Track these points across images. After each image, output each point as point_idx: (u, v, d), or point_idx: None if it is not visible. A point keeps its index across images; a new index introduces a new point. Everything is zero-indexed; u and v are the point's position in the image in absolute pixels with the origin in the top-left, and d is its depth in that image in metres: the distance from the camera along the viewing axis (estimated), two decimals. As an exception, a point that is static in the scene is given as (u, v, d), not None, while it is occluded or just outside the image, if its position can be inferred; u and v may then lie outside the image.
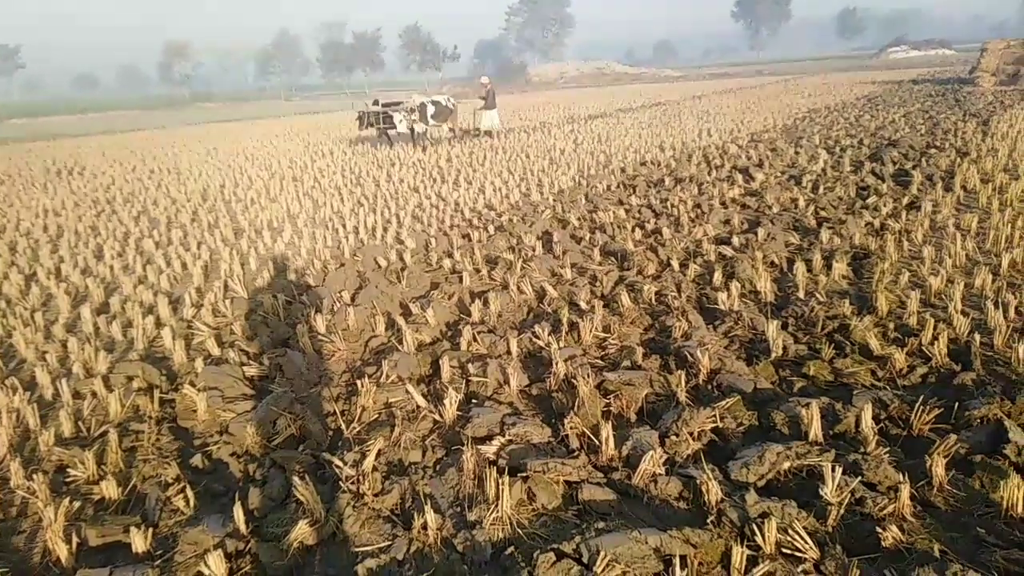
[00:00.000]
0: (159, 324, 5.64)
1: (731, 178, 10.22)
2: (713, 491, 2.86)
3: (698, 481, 2.94)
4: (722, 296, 5.09)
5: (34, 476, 3.42)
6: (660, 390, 3.91)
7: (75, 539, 2.97)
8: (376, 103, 17.69)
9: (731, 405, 3.62)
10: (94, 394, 4.36)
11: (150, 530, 2.99)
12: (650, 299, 5.33)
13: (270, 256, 7.54)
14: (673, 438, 3.36)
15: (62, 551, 2.89)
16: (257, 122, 37.73)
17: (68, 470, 3.56)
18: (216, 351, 5.02)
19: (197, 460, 3.62)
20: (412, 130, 17.12)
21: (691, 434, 3.38)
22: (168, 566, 2.81)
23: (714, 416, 3.48)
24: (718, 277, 5.58)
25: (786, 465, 3.08)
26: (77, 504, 3.26)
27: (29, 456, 3.79)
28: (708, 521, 2.76)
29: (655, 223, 7.84)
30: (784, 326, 4.65)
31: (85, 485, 3.46)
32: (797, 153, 12.08)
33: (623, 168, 12.17)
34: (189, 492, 3.25)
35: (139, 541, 2.90)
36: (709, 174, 10.68)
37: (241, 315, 5.68)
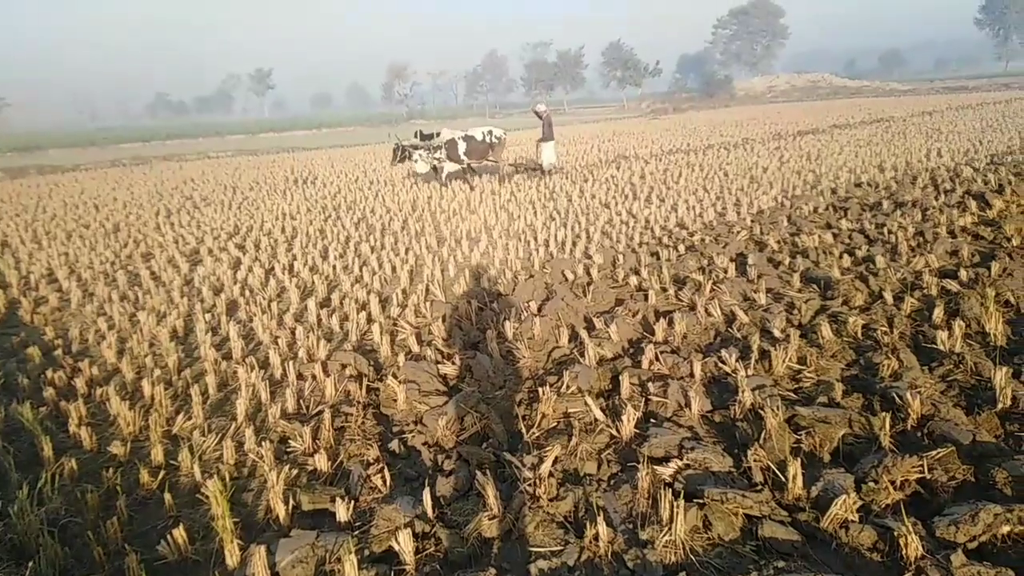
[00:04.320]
0: (370, 320, 6.27)
1: (963, 204, 9.10)
2: (913, 545, 2.61)
3: (896, 533, 2.69)
4: (942, 335, 4.57)
5: (263, 443, 3.98)
6: (860, 431, 3.61)
7: (291, 502, 3.42)
8: (417, 135, 16.04)
9: (943, 456, 3.25)
10: (314, 377, 4.96)
11: (352, 503, 3.36)
12: (855, 332, 4.92)
13: (467, 264, 8.03)
14: (871, 484, 3.10)
15: (281, 511, 3.34)
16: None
17: (289, 441, 4.10)
18: (416, 348, 5.47)
19: (394, 445, 4.00)
20: (436, 168, 15.26)
21: (892, 482, 3.09)
22: (365, 537, 3.14)
23: (921, 466, 3.15)
24: (938, 314, 5.01)
25: (1005, 529, 2.72)
26: (294, 472, 3.74)
27: (259, 426, 4.41)
28: (904, 578, 2.52)
29: (867, 250, 7.22)
30: (1016, 374, 4.07)
31: (302, 456, 3.96)
32: (1051, 177, 10.45)
33: (834, 189, 11.32)
34: (387, 473, 3.60)
35: (342, 511, 3.26)
36: (936, 199, 9.59)
37: (439, 317, 6.13)
